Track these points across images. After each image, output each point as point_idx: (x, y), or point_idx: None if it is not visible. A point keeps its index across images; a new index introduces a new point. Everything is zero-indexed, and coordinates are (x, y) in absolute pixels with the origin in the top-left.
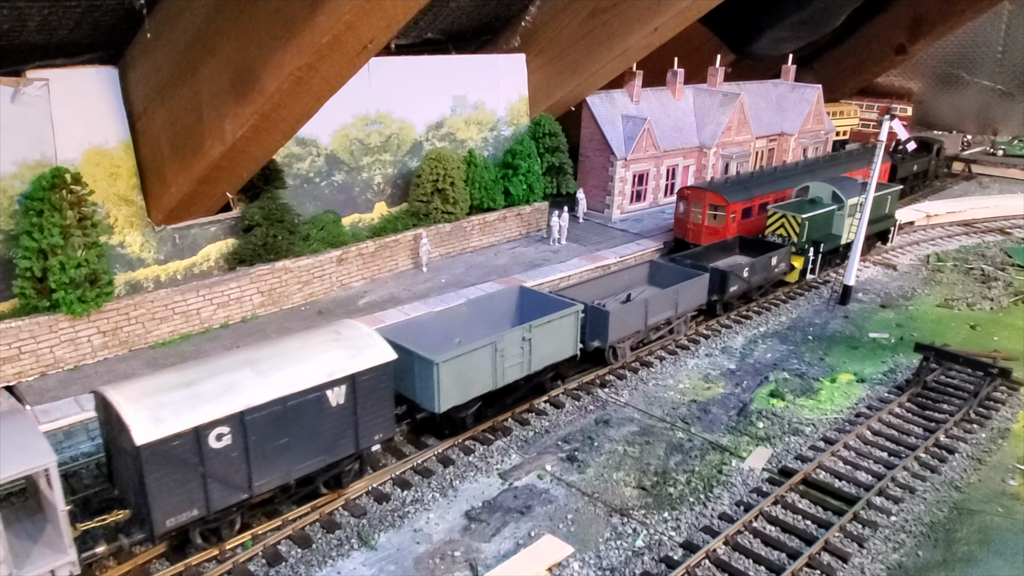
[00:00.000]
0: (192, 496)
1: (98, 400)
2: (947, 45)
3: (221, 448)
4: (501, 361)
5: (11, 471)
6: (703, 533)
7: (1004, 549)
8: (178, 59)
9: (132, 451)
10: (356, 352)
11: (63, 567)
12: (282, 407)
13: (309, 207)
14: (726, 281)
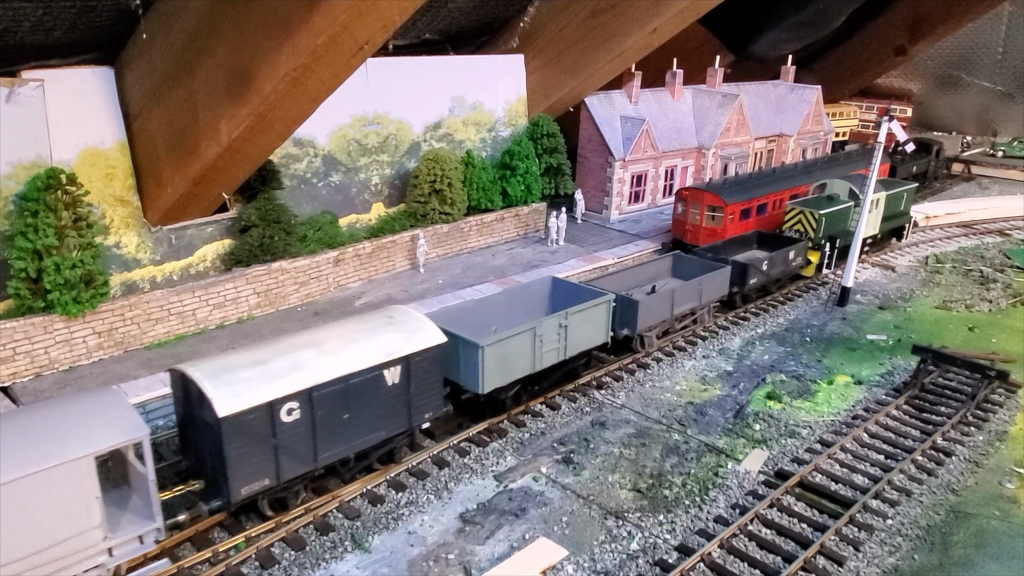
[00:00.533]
0: (264, 466)
1: (175, 377)
2: (947, 46)
3: (291, 422)
4: (540, 346)
5: (113, 442)
6: (698, 536)
7: (1000, 553)
8: (174, 60)
9: (213, 423)
10: (409, 335)
11: (149, 533)
12: (345, 385)
13: (306, 208)
14: (746, 274)
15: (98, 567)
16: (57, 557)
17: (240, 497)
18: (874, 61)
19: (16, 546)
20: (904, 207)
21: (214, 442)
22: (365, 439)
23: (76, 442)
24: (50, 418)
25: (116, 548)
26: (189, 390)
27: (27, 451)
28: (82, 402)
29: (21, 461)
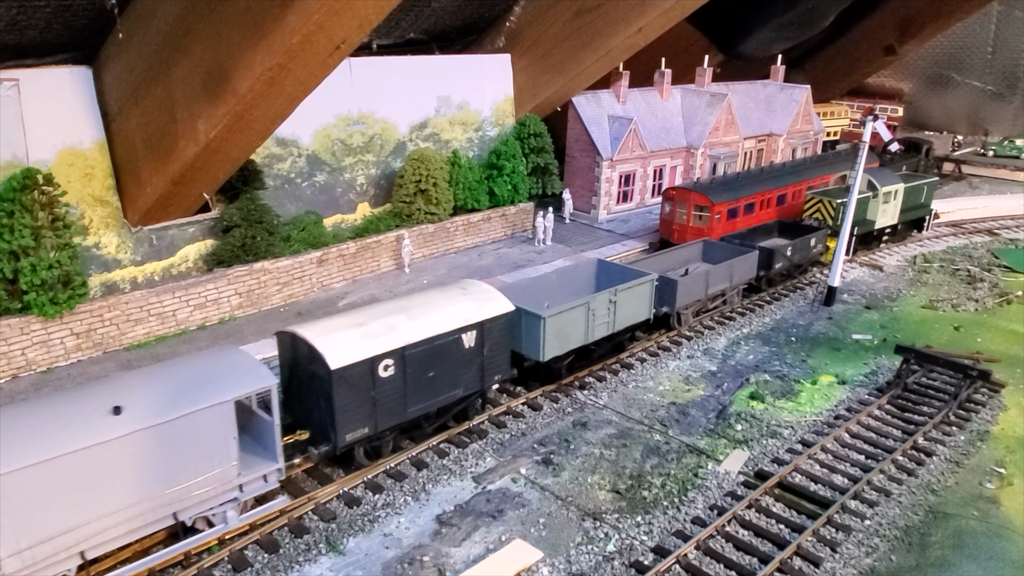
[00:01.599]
0: (365, 416)
1: (284, 339)
2: (937, 46)
3: (387, 377)
4: (592, 319)
5: (250, 388)
6: (675, 537)
7: (978, 553)
8: (151, 59)
9: (325, 376)
10: (482, 304)
11: (272, 473)
12: (431, 346)
13: (290, 208)
14: (772, 259)
15: (233, 500)
16: (206, 487)
17: (344, 443)
18: (864, 61)
19: (176, 476)
20: (925, 199)
21: (324, 393)
22: (445, 396)
23: (220, 388)
24: (193, 370)
25: (246, 485)
26: (299, 349)
27: (181, 396)
28: (217, 357)
29: (177, 404)
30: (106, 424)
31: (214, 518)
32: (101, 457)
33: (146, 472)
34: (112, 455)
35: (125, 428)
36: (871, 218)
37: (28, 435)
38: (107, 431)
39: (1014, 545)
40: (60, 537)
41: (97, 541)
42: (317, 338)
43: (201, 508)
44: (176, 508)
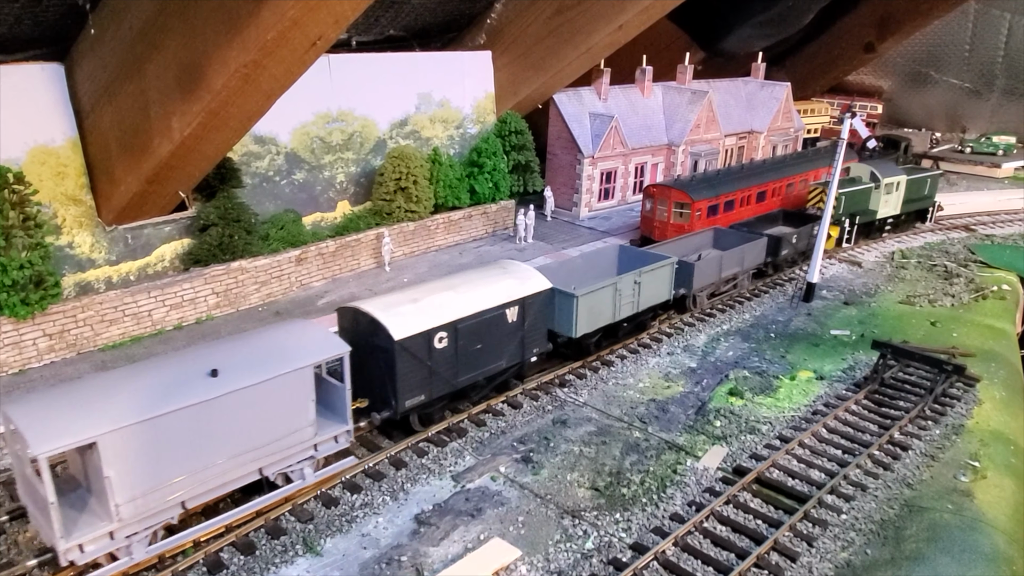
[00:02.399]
0: (421, 384)
1: (345, 314)
2: (915, 44)
3: (441, 348)
4: (619, 299)
5: (327, 355)
6: (653, 534)
7: (951, 546)
8: (124, 55)
9: (388, 346)
10: (523, 281)
11: (343, 435)
12: (479, 320)
13: (269, 206)
14: (779, 245)
15: (309, 458)
16: (288, 445)
17: (404, 408)
18: (844, 59)
19: (263, 434)
20: (928, 192)
21: (386, 363)
22: (491, 367)
23: (301, 355)
24: (275, 339)
25: (320, 444)
26: (360, 323)
27: (267, 362)
28: (294, 328)
29: (265, 368)
30: (205, 385)
31: (292, 474)
32: (201, 415)
33: (238, 430)
34: (211, 414)
35: (222, 389)
36: (873, 208)
37: (138, 394)
38: (206, 391)
39: (987, 537)
40: (166, 487)
41: (196, 492)
42: (380, 312)
43: (282, 465)
44: (262, 464)
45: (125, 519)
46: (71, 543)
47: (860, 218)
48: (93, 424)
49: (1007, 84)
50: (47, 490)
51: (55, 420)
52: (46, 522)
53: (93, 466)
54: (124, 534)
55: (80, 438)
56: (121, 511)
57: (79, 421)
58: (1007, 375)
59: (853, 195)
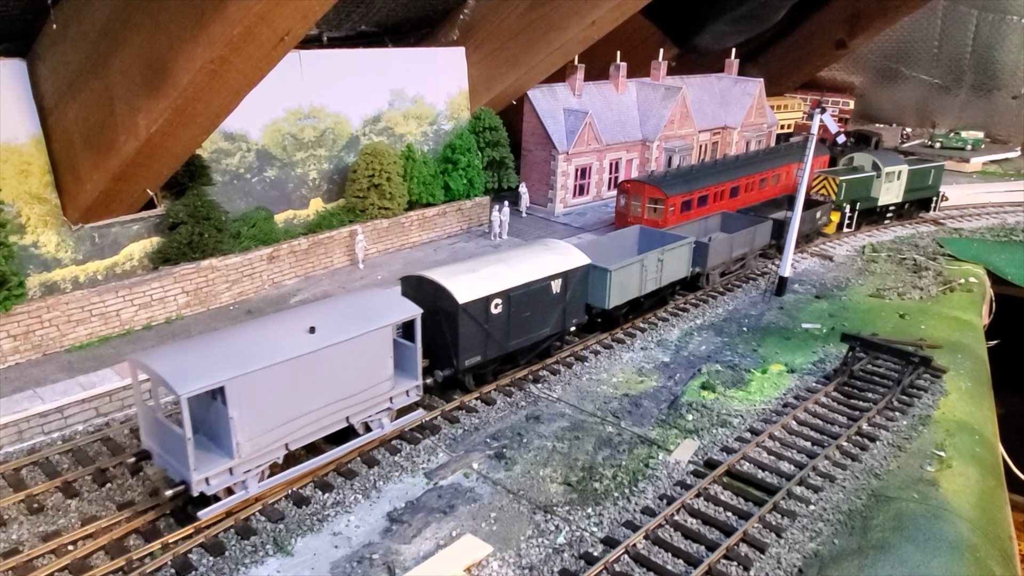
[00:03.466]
0: (479, 346)
1: (411, 281)
2: (885, 40)
3: (496, 314)
4: (645, 274)
5: (403, 316)
6: (625, 528)
7: (916, 535)
8: (87, 51)
9: (452, 309)
10: (564, 257)
11: (413, 389)
12: (528, 289)
13: (240, 204)
14: (783, 228)
15: (387, 409)
16: (370, 396)
17: (464, 367)
18: (816, 55)
19: (351, 385)
20: (932, 182)
21: (449, 325)
22: (537, 334)
23: (381, 316)
24: (358, 303)
25: (395, 397)
26: (425, 290)
27: (355, 321)
28: (373, 294)
29: (354, 326)
30: (306, 340)
31: (372, 424)
32: (304, 366)
33: (331, 381)
34: (310, 365)
35: (320, 343)
36: (874, 195)
37: (251, 347)
38: (307, 345)
39: (951, 526)
40: (275, 430)
41: (297, 436)
42: (445, 279)
43: (365, 414)
44: (348, 413)
45: (244, 456)
46: (200, 476)
47: (861, 204)
48: (221, 371)
49: (975, 80)
50: (186, 427)
51: (189, 368)
52: (176, 459)
53: (215, 410)
54: (242, 470)
55: (213, 382)
56: (241, 449)
57: (209, 369)
58: (973, 366)
59: (854, 182)
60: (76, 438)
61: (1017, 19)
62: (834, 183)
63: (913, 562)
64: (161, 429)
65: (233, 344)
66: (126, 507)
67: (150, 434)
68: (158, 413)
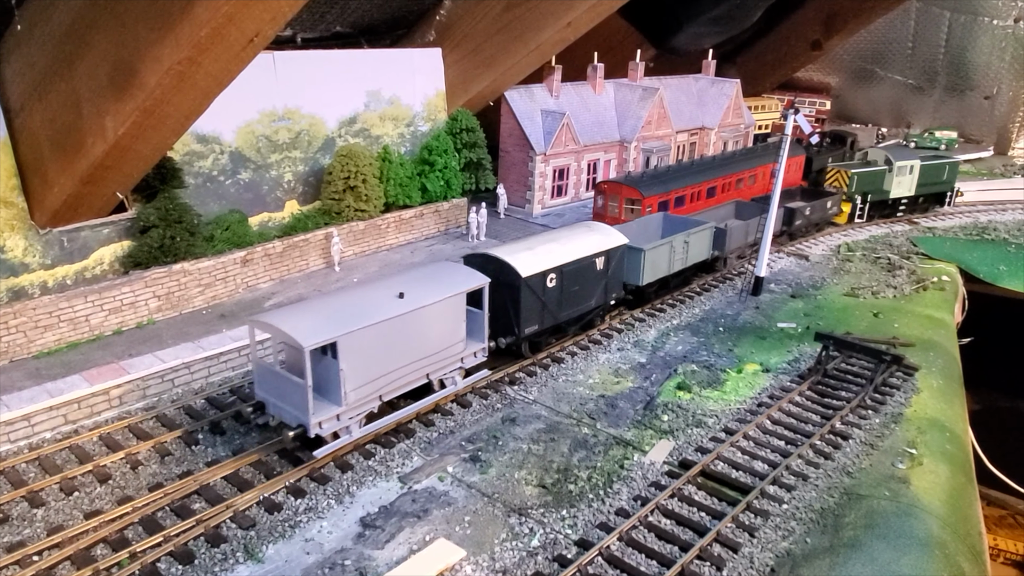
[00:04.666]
0: (536, 316)
1: (474, 259)
2: (861, 41)
3: (551, 287)
4: (673, 255)
5: (474, 284)
6: (599, 530)
7: (887, 532)
8: (53, 53)
9: (515, 282)
10: (606, 237)
11: (481, 351)
12: (578, 265)
13: (213, 206)
14: (792, 216)
15: (459, 368)
16: (447, 356)
17: (524, 334)
18: (792, 56)
19: (431, 345)
20: (947, 177)
21: (511, 297)
22: (583, 305)
23: (456, 284)
24: (435, 274)
25: (466, 358)
26: (488, 266)
27: (434, 288)
28: (446, 267)
29: (434, 293)
30: (397, 304)
31: (447, 380)
32: (396, 327)
33: (417, 340)
34: (401, 326)
35: (409, 306)
36: (886, 188)
37: (353, 309)
38: (399, 308)
39: (921, 523)
40: (373, 382)
41: (389, 388)
42: (507, 255)
43: (442, 372)
44: (429, 370)
45: (349, 404)
46: (316, 420)
47: (872, 196)
48: (334, 328)
49: (948, 81)
50: (307, 376)
51: (308, 326)
52: (293, 406)
53: (325, 363)
54: (347, 416)
55: (329, 337)
56: (348, 397)
57: (325, 327)
58: (945, 364)
59: (865, 175)
60: (43, 446)
61: (988, 20)
62: (846, 176)
63: (883, 560)
64: (278, 381)
65: (338, 306)
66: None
67: (265, 387)
68: (276, 366)
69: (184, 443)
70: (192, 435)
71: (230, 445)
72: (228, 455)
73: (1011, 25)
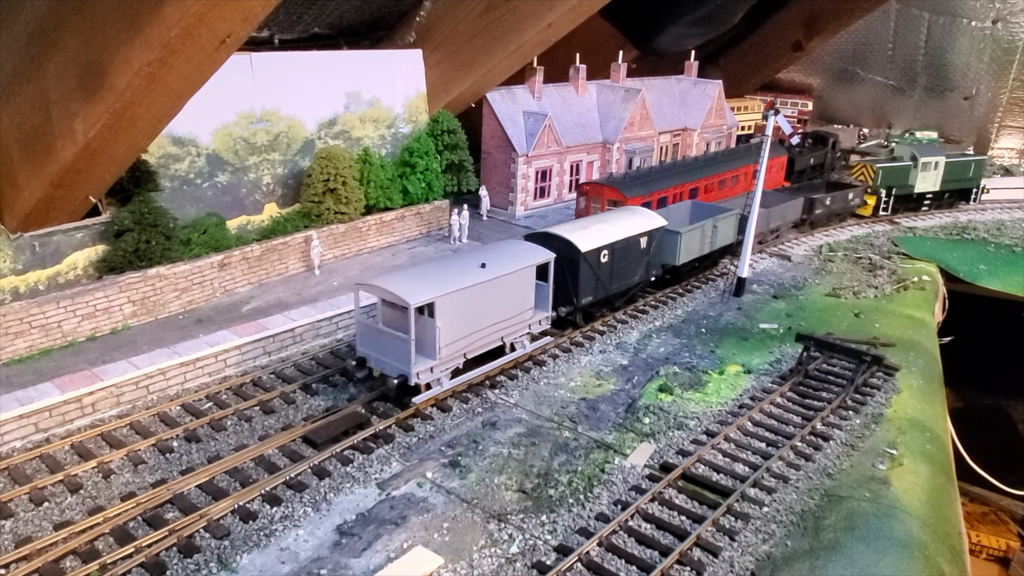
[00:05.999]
0: (591, 288)
1: (535, 237)
2: (841, 42)
3: (604, 262)
4: (704, 238)
5: (542, 259)
6: (578, 535)
7: (867, 534)
8: (21, 54)
9: (574, 258)
10: (648, 219)
11: (546, 319)
12: (627, 243)
13: (190, 210)
14: (812, 205)
15: (527, 333)
16: (518, 322)
17: (581, 304)
18: (774, 57)
19: (506, 311)
20: (973, 174)
21: (571, 271)
22: (628, 281)
23: (527, 257)
24: (506, 249)
25: (533, 325)
26: (548, 243)
27: (509, 261)
28: (515, 243)
29: (510, 264)
30: (481, 272)
31: (517, 344)
32: (480, 292)
33: (495, 306)
34: (484, 292)
35: (491, 275)
36: (911, 183)
37: (445, 276)
38: (483, 276)
39: (901, 523)
40: (460, 340)
41: (472, 347)
42: (567, 234)
43: (513, 336)
44: (503, 334)
45: (442, 358)
46: (415, 370)
47: (897, 190)
48: (432, 291)
49: (928, 81)
50: (411, 331)
51: (411, 288)
52: (395, 359)
53: (422, 322)
54: (440, 369)
55: (430, 297)
56: (442, 352)
57: (425, 289)
58: (925, 363)
59: (890, 170)
60: (12, 456)
61: (967, 22)
62: (871, 170)
63: (864, 562)
64: (381, 337)
65: (432, 273)
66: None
67: (367, 343)
68: (380, 324)
69: (159, 451)
70: (167, 443)
71: (205, 453)
72: (203, 463)
73: (989, 27)
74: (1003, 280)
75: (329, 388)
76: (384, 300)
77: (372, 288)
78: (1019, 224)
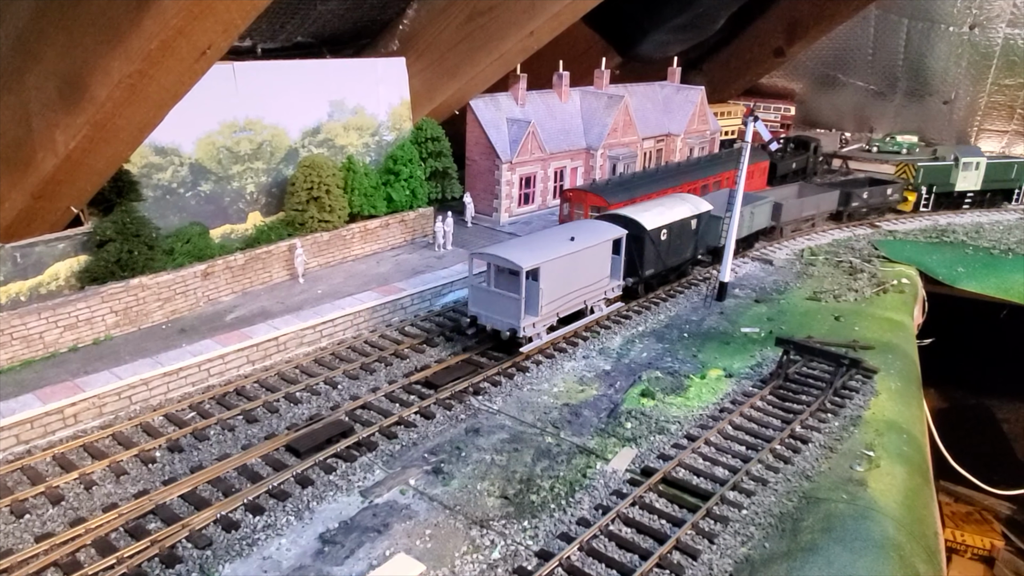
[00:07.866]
0: (652, 262)
1: (606, 218)
2: (823, 48)
3: (663, 239)
4: (743, 222)
5: (616, 235)
6: (560, 540)
7: (844, 535)
8: (1, 65)
9: (640, 235)
10: (695, 205)
11: (618, 287)
12: (681, 224)
13: (173, 219)
14: (849, 198)
15: (603, 298)
16: (599, 288)
17: (644, 275)
18: (756, 62)
19: (588, 278)
20: (1016, 175)
21: (636, 246)
22: (681, 257)
23: (605, 233)
24: (588, 227)
25: (607, 291)
26: (616, 222)
27: (591, 235)
28: (595, 222)
29: (592, 239)
30: (571, 244)
31: (595, 308)
32: (571, 261)
33: (581, 273)
34: (573, 261)
35: (580, 246)
36: (952, 182)
37: (545, 246)
38: (574, 247)
39: (878, 525)
40: (556, 301)
41: (563, 308)
42: (634, 214)
43: (592, 300)
44: (586, 297)
45: (542, 316)
46: (522, 324)
47: (938, 188)
48: (537, 258)
49: (908, 86)
50: (522, 291)
51: (520, 256)
52: (505, 315)
53: (527, 284)
54: (540, 325)
55: (537, 263)
56: (543, 310)
57: (531, 256)
58: (903, 366)
59: (931, 169)
60: None
61: (945, 27)
62: (913, 169)
63: (841, 563)
64: (492, 298)
65: (533, 245)
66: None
67: (478, 303)
68: (491, 287)
69: (141, 461)
70: (150, 452)
71: (188, 463)
72: (186, 473)
73: (967, 32)
74: (981, 282)
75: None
76: (497, 266)
77: (486, 255)
78: (997, 227)
